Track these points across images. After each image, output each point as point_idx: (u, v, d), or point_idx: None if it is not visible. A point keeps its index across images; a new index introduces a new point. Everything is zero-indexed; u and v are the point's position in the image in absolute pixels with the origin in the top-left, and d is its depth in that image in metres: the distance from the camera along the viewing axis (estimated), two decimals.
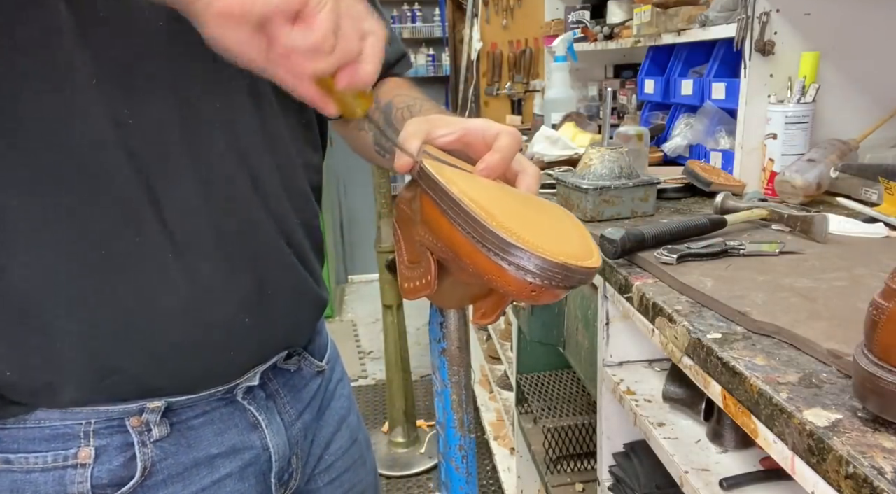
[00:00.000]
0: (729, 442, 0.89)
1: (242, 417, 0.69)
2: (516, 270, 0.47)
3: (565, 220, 0.58)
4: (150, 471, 0.63)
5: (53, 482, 0.61)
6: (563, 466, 1.72)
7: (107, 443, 0.62)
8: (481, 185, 0.58)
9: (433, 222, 0.53)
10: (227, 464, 0.68)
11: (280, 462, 0.73)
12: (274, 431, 0.72)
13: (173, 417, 0.65)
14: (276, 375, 0.73)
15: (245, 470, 0.70)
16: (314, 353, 0.79)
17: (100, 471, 0.61)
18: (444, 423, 0.68)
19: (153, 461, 0.64)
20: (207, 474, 0.67)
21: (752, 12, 1.32)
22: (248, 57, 0.47)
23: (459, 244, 0.50)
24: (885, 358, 0.49)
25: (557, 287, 0.48)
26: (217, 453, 0.68)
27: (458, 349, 0.66)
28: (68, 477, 0.61)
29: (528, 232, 0.48)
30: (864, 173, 1.25)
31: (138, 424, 0.63)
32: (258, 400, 0.71)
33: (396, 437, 2.69)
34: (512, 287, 0.48)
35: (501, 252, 0.47)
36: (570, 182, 1.26)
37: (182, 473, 0.65)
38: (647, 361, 1.12)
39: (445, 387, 0.67)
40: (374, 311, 3.98)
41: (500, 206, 0.52)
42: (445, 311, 0.66)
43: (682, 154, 1.74)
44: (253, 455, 0.70)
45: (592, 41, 2.26)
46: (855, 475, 0.49)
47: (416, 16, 4.66)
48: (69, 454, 0.61)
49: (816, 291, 0.81)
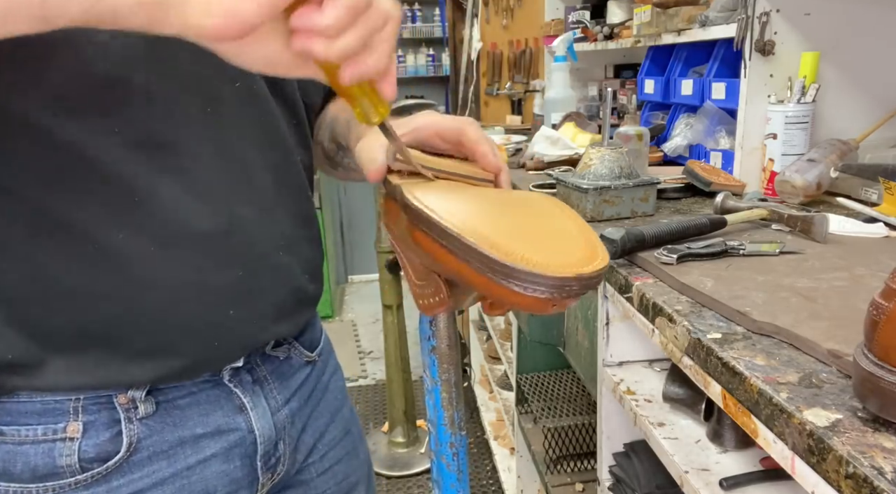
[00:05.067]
0: (729, 442, 0.89)
1: (228, 400, 0.71)
2: (533, 291, 0.47)
3: (559, 216, 0.58)
4: (135, 447, 0.66)
5: (43, 454, 0.63)
6: (563, 466, 1.72)
7: (94, 419, 0.64)
8: (462, 199, 0.57)
9: (437, 256, 0.53)
10: (212, 445, 0.70)
11: (266, 446, 0.74)
12: (259, 414, 0.73)
13: (159, 396, 0.67)
14: (265, 362, 0.75)
15: (230, 452, 0.71)
16: (304, 344, 0.81)
17: (87, 445, 0.64)
18: (435, 421, 0.68)
19: (139, 437, 0.66)
20: (192, 453, 0.69)
21: (752, 12, 1.32)
22: (272, 66, 0.48)
23: (469, 276, 0.50)
24: (885, 358, 0.49)
25: (574, 296, 0.49)
26: (202, 433, 0.69)
27: (447, 347, 0.66)
28: (57, 450, 0.63)
29: (531, 247, 0.48)
30: (864, 173, 1.25)
31: (125, 401, 0.65)
32: (245, 383, 0.72)
33: (396, 437, 2.69)
34: (530, 305, 0.49)
35: (515, 279, 0.47)
36: (570, 182, 1.26)
37: (167, 451, 0.67)
38: (647, 361, 1.12)
39: (436, 385, 0.67)
40: (374, 311, 3.98)
41: (493, 223, 0.52)
42: None
43: (682, 154, 1.74)
44: (238, 437, 0.72)
45: (592, 41, 2.26)
46: (855, 475, 0.49)
47: (416, 16, 4.66)
48: (58, 428, 0.63)
49: (816, 291, 0.81)
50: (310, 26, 0.45)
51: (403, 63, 4.77)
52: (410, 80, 4.84)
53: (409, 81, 4.84)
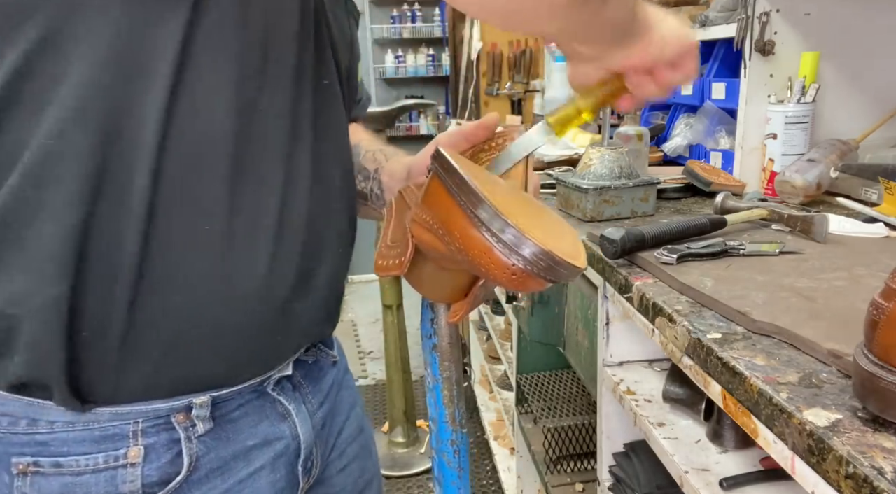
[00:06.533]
0: (729, 442, 0.89)
1: (273, 408, 0.71)
2: (503, 248, 0.49)
3: (561, 224, 0.60)
4: (194, 466, 0.64)
5: (105, 482, 0.61)
6: (563, 466, 1.72)
7: (154, 441, 0.63)
8: (491, 179, 0.60)
9: (436, 198, 0.55)
10: (260, 456, 0.69)
11: (307, 451, 0.74)
12: (302, 420, 0.73)
13: (215, 411, 0.66)
14: (298, 367, 0.75)
15: (277, 461, 0.71)
16: (326, 344, 0.81)
17: (149, 469, 0.62)
18: (436, 418, 0.69)
19: (198, 456, 0.65)
20: (244, 466, 0.68)
21: (752, 12, 1.32)
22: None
23: (456, 218, 0.52)
24: (885, 358, 0.49)
25: (539, 275, 0.50)
26: (252, 445, 0.69)
27: (448, 344, 0.67)
28: (119, 477, 0.61)
29: (525, 221, 0.50)
30: (864, 173, 1.25)
31: (184, 420, 0.64)
32: (286, 390, 0.72)
33: (396, 437, 2.69)
34: (496, 267, 0.50)
35: (496, 229, 0.49)
36: (570, 182, 1.26)
37: (221, 467, 0.67)
38: (647, 361, 1.12)
39: (437, 383, 0.68)
40: (374, 311, 3.98)
41: (503, 196, 0.54)
42: (436, 308, 0.67)
43: (682, 154, 1.74)
44: (283, 446, 0.71)
45: None
46: (855, 475, 0.49)
47: (416, 16, 4.66)
48: (119, 454, 0.61)
49: (816, 291, 0.81)
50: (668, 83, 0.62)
51: (403, 63, 4.77)
52: (410, 79, 4.84)
53: (409, 81, 4.83)
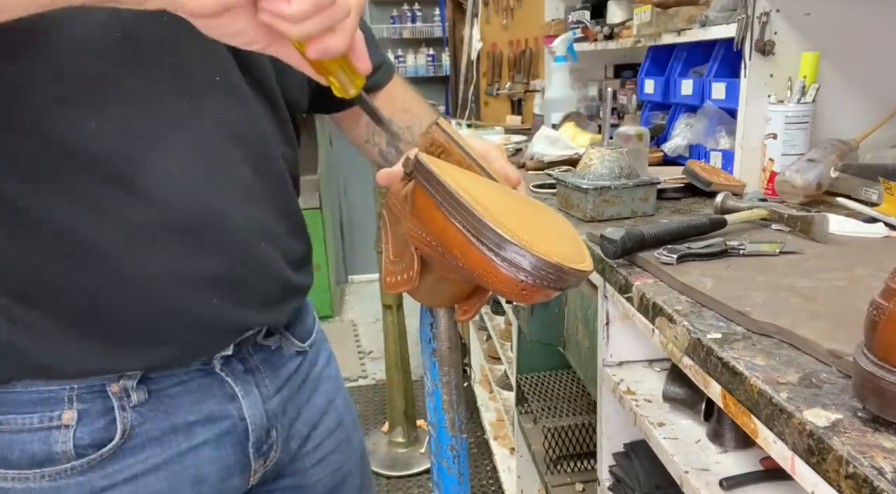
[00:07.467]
0: (729, 442, 0.89)
1: (220, 388, 0.73)
2: (509, 267, 0.47)
3: (560, 223, 0.58)
4: (129, 434, 0.68)
5: (40, 441, 0.65)
6: (563, 466, 1.72)
7: (88, 407, 0.66)
8: (477, 181, 0.58)
9: (426, 213, 0.53)
10: (203, 432, 0.72)
11: (257, 433, 0.76)
12: (251, 402, 0.75)
13: (151, 384, 0.69)
14: (257, 351, 0.77)
15: (222, 439, 0.74)
16: (296, 335, 0.83)
17: (82, 432, 0.66)
18: (436, 423, 0.68)
19: (132, 425, 0.68)
20: (184, 440, 0.71)
21: (752, 12, 1.32)
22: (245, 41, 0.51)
23: (452, 237, 0.49)
24: (885, 358, 0.49)
25: (549, 287, 0.48)
26: (194, 420, 0.72)
27: (448, 349, 0.66)
28: (53, 437, 0.66)
29: (524, 230, 0.48)
30: (864, 173, 1.25)
31: (118, 390, 0.67)
32: (236, 372, 0.75)
33: (396, 437, 2.69)
34: (502, 284, 0.48)
35: (496, 247, 0.47)
36: (570, 182, 1.26)
37: (160, 438, 0.70)
38: (647, 361, 1.12)
39: (436, 388, 0.67)
40: (374, 311, 3.97)
41: (497, 203, 0.52)
42: (436, 312, 0.66)
43: (682, 154, 1.74)
44: (230, 425, 0.74)
45: (592, 41, 2.25)
46: (855, 475, 0.49)
47: (416, 16, 4.65)
48: (54, 416, 0.66)
49: (816, 291, 0.81)
50: (277, 12, 0.49)
51: (403, 63, 4.76)
52: (410, 79, 4.81)
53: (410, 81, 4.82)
